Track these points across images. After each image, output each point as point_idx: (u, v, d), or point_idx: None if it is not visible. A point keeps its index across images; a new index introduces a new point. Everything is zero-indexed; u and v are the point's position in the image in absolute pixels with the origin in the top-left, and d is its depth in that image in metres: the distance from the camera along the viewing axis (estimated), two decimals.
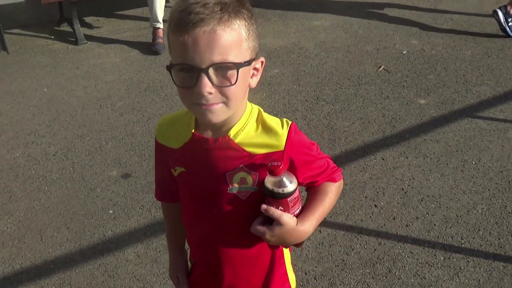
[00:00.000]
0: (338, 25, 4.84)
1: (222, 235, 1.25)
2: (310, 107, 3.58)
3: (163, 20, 4.54)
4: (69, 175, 3.03)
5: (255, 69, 1.13)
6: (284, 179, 1.11)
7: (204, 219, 1.25)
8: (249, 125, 1.16)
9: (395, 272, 2.31)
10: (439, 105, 3.53)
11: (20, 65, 4.38)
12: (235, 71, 1.03)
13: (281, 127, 1.16)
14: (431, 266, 2.33)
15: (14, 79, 4.16)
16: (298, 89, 3.81)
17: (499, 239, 2.45)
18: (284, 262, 1.35)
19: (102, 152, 3.22)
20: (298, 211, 1.18)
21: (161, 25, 4.52)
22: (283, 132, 1.15)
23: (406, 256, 2.39)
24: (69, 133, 3.43)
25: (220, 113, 1.07)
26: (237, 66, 1.03)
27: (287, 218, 1.13)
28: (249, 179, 1.16)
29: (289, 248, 1.35)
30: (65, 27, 5.02)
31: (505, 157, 3.00)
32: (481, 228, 2.52)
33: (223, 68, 1.03)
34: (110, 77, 4.12)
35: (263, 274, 1.31)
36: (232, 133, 1.15)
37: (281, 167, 1.09)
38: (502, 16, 4.36)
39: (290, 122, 1.17)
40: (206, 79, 1.01)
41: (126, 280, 2.35)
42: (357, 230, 2.55)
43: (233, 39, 1.02)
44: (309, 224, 1.18)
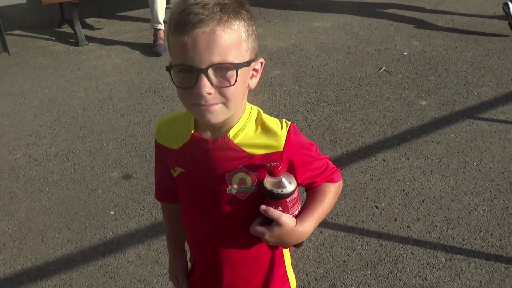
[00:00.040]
0: (339, 27, 4.84)
1: (222, 236, 1.25)
2: (311, 108, 3.58)
3: (164, 22, 4.54)
4: (70, 176, 3.03)
5: (255, 70, 1.13)
6: (283, 180, 1.11)
7: (204, 220, 1.25)
8: (249, 126, 1.16)
9: (396, 274, 2.31)
10: (440, 106, 3.53)
11: (21, 66, 4.38)
12: (235, 72, 1.03)
13: (280, 128, 1.16)
14: (433, 268, 2.33)
15: (15, 80, 4.17)
16: (299, 90, 3.81)
17: (501, 240, 2.45)
18: (284, 263, 1.35)
19: (103, 153, 3.22)
20: (297, 212, 1.18)
21: (162, 27, 4.53)
22: (282, 133, 1.15)
23: (408, 257, 2.39)
24: (70, 134, 3.43)
25: (220, 114, 1.08)
26: (237, 67, 1.03)
27: (286, 219, 1.13)
28: (248, 180, 1.16)
29: (289, 249, 1.35)
30: (66, 29, 5.03)
31: (507, 158, 2.99)
32: (483, 229, 2.52)
33: (223, 69, 1.03)
34: (111, 79, 4.12)
35: (263, 275, 1.31)
36: (232, 134, 1.15)
37: (280, 168, 1.09)
38: None
39: (289, 123, 1.17)
40: (206, 80, 1.02)
41: (127, 281, 2.35)
42: (358, 231, 2.54)
43: (233, 40, 1.03)
44: (308, 225, 1.18)
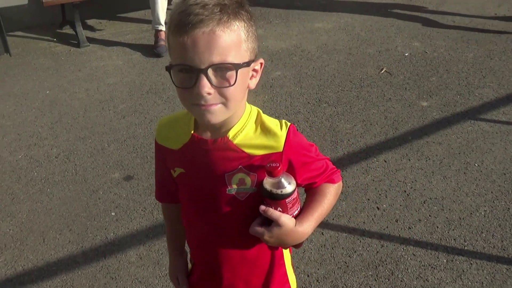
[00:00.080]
0: (340, 28, 4.84)
1: (221, 236, 1.25)
2: (312, 109, 3.58)
3: (165, 23, 4.55)
4: (72, 177, 3.04)
5: (254, 71, 1.13)
6: (283, 180, 1.12)
7: (203, 220, 1.25)
8: (248, 126, 1.16)
9: (398, 275, 2.31)
10: (442, 108, 3.53)
11: (23, 68, 4.39)
12: (234, 72, 1.04)
13: (280, 129, 1.16)
14: (434, 269, 2.33)
15: (17, 82, 4.17)
16: (300, 91, 3.81)
17: (502, 242, 2.45)
18: (284, 263, 1.35)
19: (104, 154, 3.22)
20: (297, 212, 1.18)
21: (163, 28, 4.53)
22: (282, 134, 1.15)
23: (409, 259, 2.39)
24: (72, 136, 3.43)
25: (219, 114, 1.08)
26: (236, 67, 1.03)
27: (286, 219, 1.13)
28: (248, 180, 1.16)
29: (289, 249, 1.35)
30: (68, 30, 5.03)
31: (508, 160, 2.99)
32: (484, 231, 2.52)
33: (222, 69, 1.03)
34: (112, 80, 4.12)
35: (263, 275, 1.31)
36: (231, 134, 1.15)
37: (280, 168, 1.09)
38: None
39: (289, 124, 1.17)
40: (205, 80, 1.02)
41: (128, 282, 2.35)
42: (360, 232, 2.54)
43: (232, 40, 1.03)
44: (308, 225, 1.18)
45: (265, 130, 1.16)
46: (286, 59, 4.29)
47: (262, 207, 1.13)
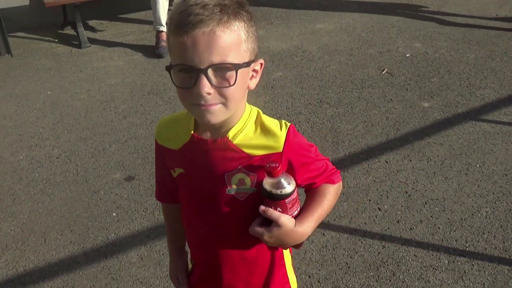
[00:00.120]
0: (341, 28, 4.84)
1: (221, 236, 1.26)
2: (314, 110, 3.57)
3: (166, 23, 4.55)
4: (73, 178, 3.04)
5: (254, 71, 1.13)
6: (282, 181, 1.12)
7: (203, 220, 1.25)
8: (248, 127, 1.16)
9: (399, 276, 2.30)
10: (443, 108, 3.52)
11: (24, 68, 4.39)
12: (234, 72, 1.04)
13: (280, 129, 1.16)
14: (436, 270, 2.33)
15: (18, 82, 4.17)
16: (302, 92, 3.81)
17: (504, 243, 2.44)
18: (285, 264, 1.35)
19: (106, 155, 3.22)
20: (297, 213, 1.18)
21: (164, 29, 4.53)
22: (282, 134, 1.15)
23: (410, 260, 2.38)
24: (73, 136, 3.44)
25: (219, 114, 1.08)
26: (236, 67, 1.04)
27: (285, 220, 1.13)
28: (248, 180, 1.16)
29: (290, 250, 1.35)
30: (69, 30, 5.04)
31: (510, 160, 2.99)
32: (486, 232, 2.51)
33: (222, 69, 1.03)
34: (114, 80, 4.13)
35: (263, 275, 1.31)
36: (231, 134, 1.15)
37: (279, 169, 1.09)
38: None
39: (289, 124, 1.17)
40: (205, 80, 1.02)
41: (130, 283, 2.35)
42: (361, 233, 2.54)
43: (232, 40, 1.03)
44: (308, 226, 1.18)
45: (265, 130, 1.16)
46: (287, 60, 4.29)
47: (262, 207, 1.13)
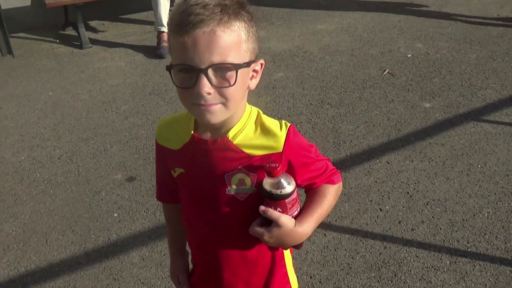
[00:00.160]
0: (343, 29, 4.84)
1: (221, 236, 1.26)
2: (315, 111, 3.57)
3: (168, 24, 4.55)
4: (74, 178, 3.04)
5: (255, 71, 1.13)
6: (282, 181, 1.12)
7: (203, 220, 1.25)
8: (248, 127, 1.16)
9: (401, 276, 2.30)
10: (444, 109, 3.52)
11: (25, 69, 4.40)
12: (234, 72, 1.04)
13: (280, 129, 1.16)
14: (437, 270, 2.32)
15: (19, 83, 4.18)
16: (303, 93, 3.80)
17: (506, 243, 2.44)
18: (285, 264, 1.35)
19: (107, 156, 3.23)
20: (297, 213, 1.18)
21: (166, 29, 4.53)
22: (282, 134, 1.16)
23: (412, 260, 2.38)
24: (74, 137, 3.44)
25: (219, 114, 1.08)
26: (236, 67, 1.04)
27: (285, 220, 1.13)
28: (248, 181, 1.16)
29: (290, 250, 1.35)
30: (70, 31, 5.04)
31: (511, 161, 2.98)
32: (487, 232, 2.51)
33: (222, 69, 1.03)
34: (115, 81, 4.13)
35: (263, 276, 1.31)
36: (231, 135, 1.15)
37: (279, 169, 1.09)
38: None
39: (289, 124, 1.17)
40: (205, 80, 1.02)
41: (131, 283, 2.35)
42: (362, 234, 2.54)
43: (233, 40, 1.03)
44: (308, 226, 1.18)
45: (265, 131, 1.16)
46: (289, 60, 4.29)
47: (262, 208, 1.13)
